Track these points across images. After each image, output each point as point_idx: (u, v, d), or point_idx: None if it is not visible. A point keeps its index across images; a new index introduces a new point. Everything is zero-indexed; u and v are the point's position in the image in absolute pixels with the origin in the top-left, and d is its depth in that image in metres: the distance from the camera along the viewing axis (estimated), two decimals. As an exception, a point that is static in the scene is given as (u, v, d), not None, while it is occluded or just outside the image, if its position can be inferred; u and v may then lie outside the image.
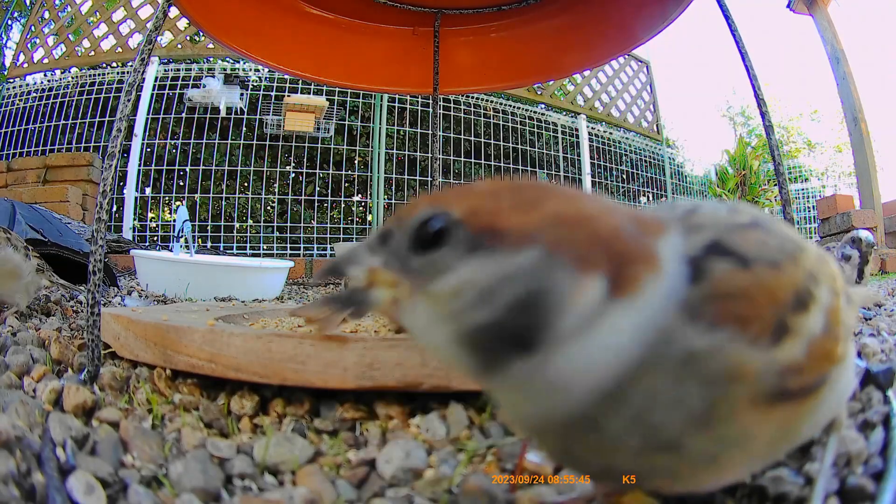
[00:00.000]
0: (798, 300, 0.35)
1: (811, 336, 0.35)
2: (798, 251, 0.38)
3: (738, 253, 0.34)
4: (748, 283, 0.33)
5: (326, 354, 0.67)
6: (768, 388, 0.33)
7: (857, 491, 0.46)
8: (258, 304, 1.77)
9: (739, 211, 0.40)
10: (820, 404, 0.38)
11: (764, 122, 0.95)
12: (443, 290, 0.31)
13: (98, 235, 0.79)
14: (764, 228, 0.38)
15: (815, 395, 0.37)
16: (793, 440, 0.39)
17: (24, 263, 1.30)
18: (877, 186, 5.02)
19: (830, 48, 5.24)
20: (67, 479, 0.49)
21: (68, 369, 0.87)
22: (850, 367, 0.42)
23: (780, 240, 0.37)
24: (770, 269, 0.35)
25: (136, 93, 0.86)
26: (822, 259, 0.41)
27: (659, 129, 6.34)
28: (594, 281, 0.29)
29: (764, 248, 0.36)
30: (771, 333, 0.33)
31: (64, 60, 4.84)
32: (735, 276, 0.33)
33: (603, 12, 1.39)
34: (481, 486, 0.49)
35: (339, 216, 5.29)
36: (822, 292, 0.38)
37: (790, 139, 12.83)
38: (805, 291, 0.36)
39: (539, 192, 0.33)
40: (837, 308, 0.39)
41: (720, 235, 0.35)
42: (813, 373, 0.36)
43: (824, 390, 0.37)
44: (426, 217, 0.32)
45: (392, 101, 5.07)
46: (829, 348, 0.37)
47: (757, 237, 0.36)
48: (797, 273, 0.36)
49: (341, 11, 1.48)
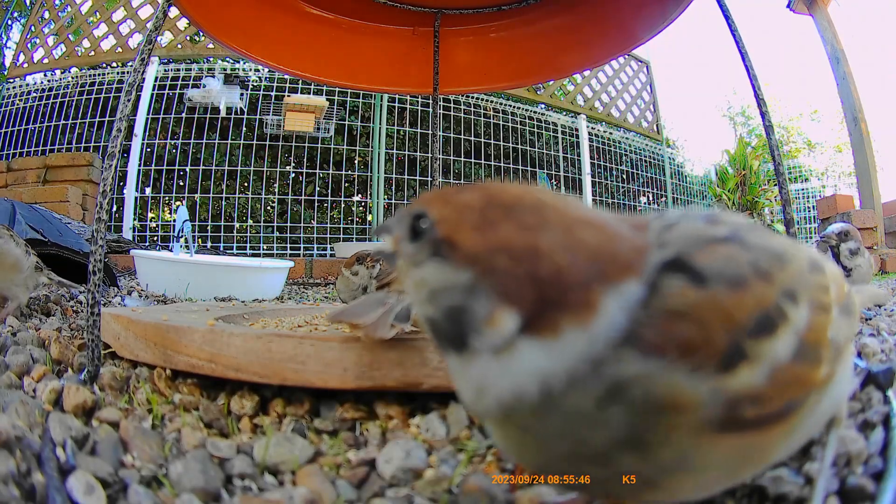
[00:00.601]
0: (762, 322, 0.32)
1: (776, 362, 0.32)
2: (776, 266, 0.35)
3: (695, 269, 0.32)
4: (698, 304, 0.31)
5: (326, 354, 0.67)
6: (714, 417, 0.31)
7: (857, 491, 0.46)
8: (258, 304, 1.77)
9: (720, 222, 0.37)
10: (793, 429, 0.36)
11: (764, 122, 0.95)
12: (412, 278, 0.36)
13: (98, 235, 0.79)
14: (739, 242, 0.35)
15: (784, 422, 0.34)
16: (761, 463, 0.36)
17: (25, 258, 1.32)
18: (877, 186, 5.02)
19: (830, 48, 5.24)
20: (67, 479, 0.49)
21: (68, 369, 0.87)
22: (840, 382, 0.40)
23: (755, 254, 0.34)
24: (729, 288, 0.32)
25: (136, 93, 0.86)
26: (813, 269, 0.39)
27: (659, 129, 6.34)
28: (507, 316, 0.31)
29: (729, 263, 0.33)
30: (720, 360, 0.30)
31: (64, 60, 4.84)
32: (684, 296, 0.31)
33: (603, 12, 1.39)
34: (481, 486, 0.49)
35: (339, 216, 5.29)
36: (800, 311, 0.35)
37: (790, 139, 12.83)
38: (774, 312, 0.33)
39: (505, 213, 0.33)
40: (822, 325, 0.36)
41: (683, 251, 0.33)
42: (778, 401, 0.33)
43: (796, 417, 0.35)
44: (419, 212, 0.36)
45: (392, 101, 5.07)
46: (802, 374, 0.34)
47: (725, 252, 0.34)
48: (767, 291, 0.33)
49: (341, 11, 1.48)
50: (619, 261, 0.32)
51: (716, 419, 0.31)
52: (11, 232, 1.33)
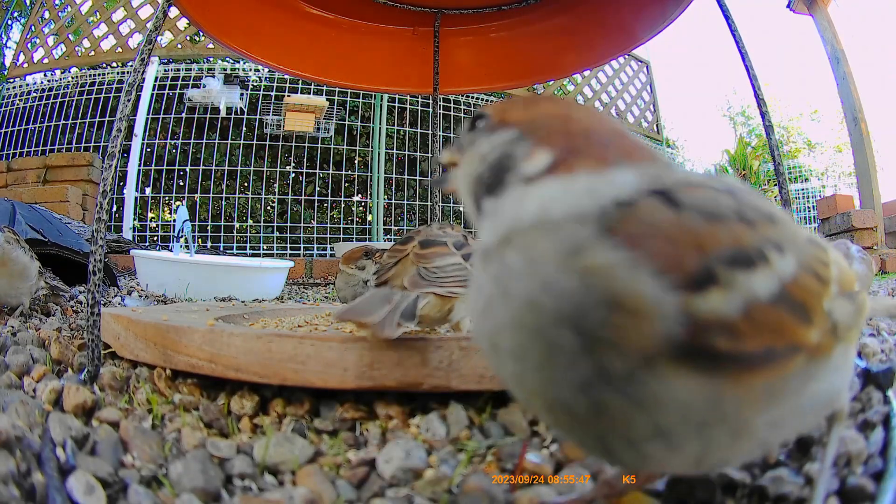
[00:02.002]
0: (738, 256, 0.33)
1: (751, 297, 0.33)
2: (764, 220, 0.36)
3: (675, 198, 0.34)
4: (669, 221, 0.33)
5: (326, 354, 0.67)
6: (676, 335, 0.31)
7: (857, 491, 0.46)
8: (258, 304, 1.77)
9: (721, 180, 0.39)
10: (776, 394, 0.35)
11: (764, 122, 0.95)
12: (468, 154, 0.45)
13: (98, 235, 0.79)
14: (729, 192, 0.37)
15: (763, 373, 0.33)
16: (740, 433, 0.35)
17: (32, 264, 1.33)
18: (877, 186, 5.02)
19: (830, 48, 5.24)
20: (67, 479, 0.49)
21: (68, 369, 0.87)
22: (839, 369, 0.40)
23: (741, 205, 0.36)
24: (704, 217, 0.34)
25: (136, 93, 0.86)
26: (812, 244, 0.40)
27: (659, 129, 6.34)
28: (542, 155, 0.39)
29: (710, 202, 0.35)
30: (688, 278, 0.31)
31: (64, 60, 4.84)
32: (657, 211, 0.34)
33: (603, 12, 1.39)
34: (481, 486, 0.49)
35: (339, 216, 5.29)
36: (785, 262, 0.35)
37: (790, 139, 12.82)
38: (754, 251, 0.34)
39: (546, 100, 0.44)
40: (815, 290, 0.37)
41: (673, 187, 0.36)
42: (755, 340, 0.33)
43: (780, 374, 0.34)
44: (478, 114, 0.45)
45: (392, 101, 5.07)
46: (784, 321, 0.34)
47: (711, 195, 0.36)
48: (746, 233, 0.34)
49: (341, 11, 1.48)
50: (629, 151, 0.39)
51: (679, 339, 0.31)
52: (18, 236, 1.34)
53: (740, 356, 0.32)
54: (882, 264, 4.24)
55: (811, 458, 0.52)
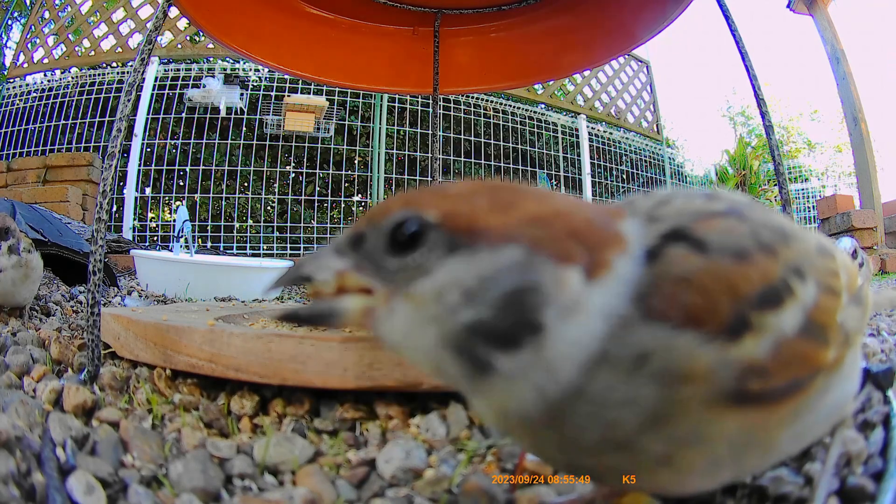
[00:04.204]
0: (767, 294, 0.32)
1: (780, 335, 0.32)
2: (781, 242, 0.35)
3: (696, 238, 0.32)
4: (701, 270, 0.31)
5: (326, 354, 0.67)
6: (724, 387, 0.31)
7: (857, 491, 0.46)
8: (258, 304, 1.77)
9: (718, 198, 0.37)
10: (799, 413, 0.35)
11: (764, 122, 0.95)
12: (426, 291, 0.31)
13: (98, 235, 0.79)
14: (739, 216, 0.35)
15: (789, 402, 0.33)
16: (768, 450, 0.35)
17: (40, 265, 1.36)
18: (877, 186, 5.02)
19: (830, 48, 5.24)
20: (67, 479, 0.49)
21: (68, 369, 0.87)
22: (850, 377, 0.40)
23: (756, 228, 0.34)
24: (732, 258, 0.32)
25: (136, 93, 0.86)
26: (821, 252, 0.38)
27: (659, 129, 6.34)
28: (573, 271, 0.30)
29: (730, 236, 0.33)
30: (727, 328, 0.30)
31: (64, 60, 4.84)
32: (688, 262, 0.31)
33: (603, 12, 1.38)
34: (481, 486, 0.49)
35: (339, 216, 5.29)
36: (807, 289, 0.34)
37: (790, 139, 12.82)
38: (781, 286, 0.33)
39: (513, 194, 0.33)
40: (831, 307, 0.36)
41: (683, 223, 0.33)
42: (782, 376, 0.32)
43: (803, 398, 0.34)
44: (402, 219, 0.32)
45: (392, 101, 5.07)
46: (808, 351, 0.34)
47: (725, 224, 0.34)
48: (771, 265, 0.33)
49: (341, 11, 1.47)
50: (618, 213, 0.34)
51: (726, 390, 0.31)
52: (30, 240, 1.36)
53: (769, 393, 0.32)
54: (882, 264, 4.23)
55: (811, 458, 0.52)
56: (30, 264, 1.29)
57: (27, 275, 1.28)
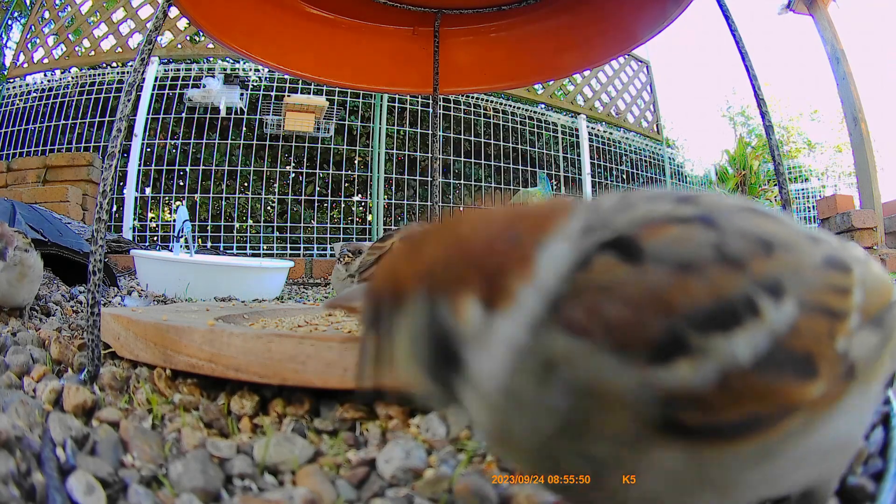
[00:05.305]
0: (717, 314, 0.28)
1: (730, 364, 0.27)
2: (757, 254, 0.30)
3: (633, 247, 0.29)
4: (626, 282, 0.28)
5: (326, 354, 0.67)
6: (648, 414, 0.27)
7: (857, 491, 0.46)
8: (258, 304, 1.77)
9: (693, 202, 0.33)
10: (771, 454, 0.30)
11: (764, 122, 0.95)
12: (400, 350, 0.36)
13: (98, 235, 0.79)
14: (707, 223, 0.30)
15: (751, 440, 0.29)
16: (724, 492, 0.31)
17: (39, 265, 1.36)
18: (877, 186, 5.02)
19: (830, 48, 5.24)
20: (67, 479, 0.49)
21: (68, 369, 0.87)
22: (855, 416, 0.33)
23: (725, 238, 0.30)
24: (672, 269, 0.28)
25: (136, 93, 0.86)
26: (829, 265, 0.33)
27: (659, 129, 6.34)
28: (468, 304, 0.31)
29: (679, 245, 0.29)
30: (652, 348, 0.27)
31: (64, 60, 4.84)
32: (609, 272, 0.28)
33: (603, 12, 1.38)
34: (473, 487, 0.49)
35: (339, 216, 5.29)
36: (782, 309, 0.29)
37: (790, 139, 12.82)
38: (739, 304, 0.28)
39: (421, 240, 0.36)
40: (821, 332, 0.30)
41: (628, 231, 0.30)
42: (733, 411, 0.28)
43: (774, 437, 0.29)
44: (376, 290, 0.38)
45: (392, 101, 5.07)
46: (774, 385, 0.28)
47: (680, 232, 0.30)
48: (729, 280, 0.28)
49: (341, 11, 1.47)
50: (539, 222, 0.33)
51: (650, 417, 0.27)
52: (28, 238, 1.36)
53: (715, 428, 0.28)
54: (882, 264, 4.23)
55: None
56: (27, 264, 1.29)
57: (24, 274, 1.28)
